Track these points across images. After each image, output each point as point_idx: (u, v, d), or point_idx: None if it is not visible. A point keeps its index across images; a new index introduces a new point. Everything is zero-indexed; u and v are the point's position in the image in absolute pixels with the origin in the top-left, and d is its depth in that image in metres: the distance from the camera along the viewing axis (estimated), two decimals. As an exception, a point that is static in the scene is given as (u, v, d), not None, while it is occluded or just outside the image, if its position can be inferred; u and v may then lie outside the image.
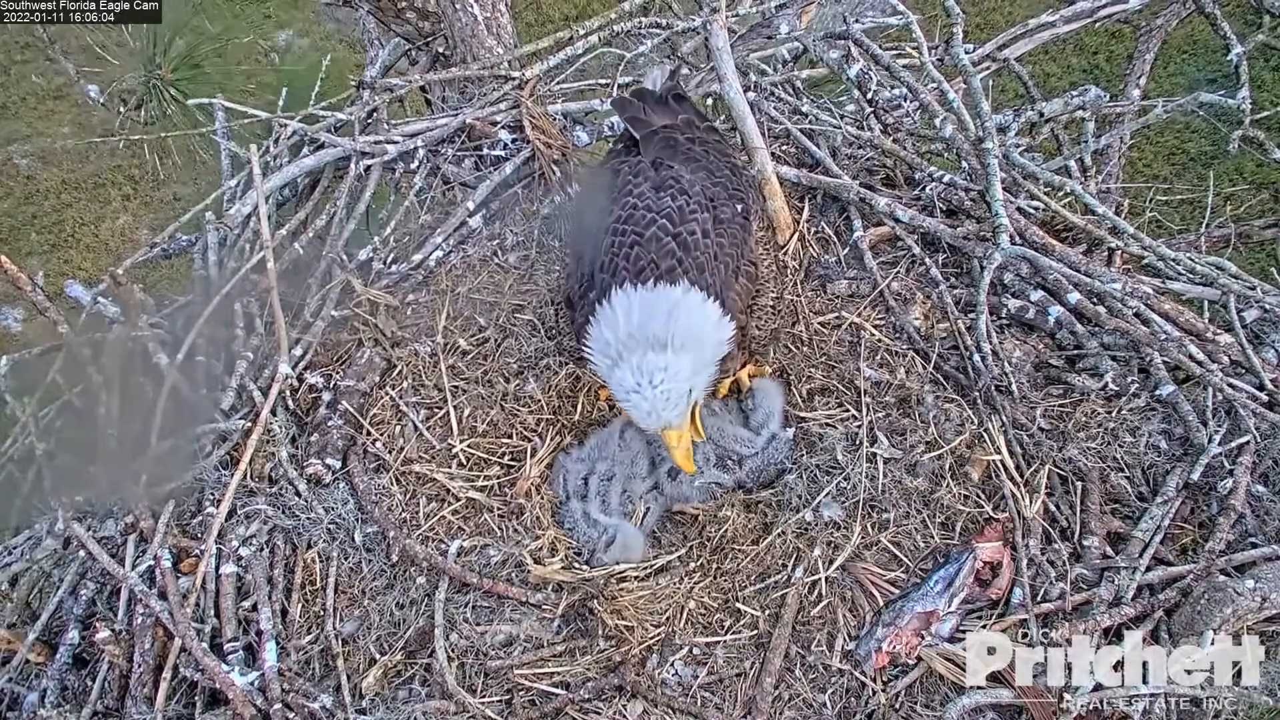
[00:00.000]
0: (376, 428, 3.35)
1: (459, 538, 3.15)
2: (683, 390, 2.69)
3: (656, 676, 2.86)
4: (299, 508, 3.14)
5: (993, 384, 3.13)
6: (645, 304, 2.71)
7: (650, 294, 2.73)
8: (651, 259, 2.78)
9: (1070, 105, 3.86)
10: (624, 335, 2.68)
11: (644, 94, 3.38)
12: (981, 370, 3.16)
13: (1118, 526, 2.98)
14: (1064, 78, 7.99)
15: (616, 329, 2.70)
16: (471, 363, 3.50)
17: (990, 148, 3.44)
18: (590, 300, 2.81)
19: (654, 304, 2.71)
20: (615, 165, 3.11)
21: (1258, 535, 2.90)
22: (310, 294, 3.57)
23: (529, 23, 8.24)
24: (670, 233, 2.82)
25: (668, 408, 2.68)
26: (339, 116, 4.03)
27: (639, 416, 2.73)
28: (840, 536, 2.99)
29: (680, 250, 2.81)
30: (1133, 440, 3.10)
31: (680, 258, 2.79)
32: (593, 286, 2.85)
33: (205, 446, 3.24)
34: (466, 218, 3.73)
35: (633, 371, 2.65)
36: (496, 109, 3.94)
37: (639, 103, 3.28)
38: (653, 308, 2.70)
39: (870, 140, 3.80)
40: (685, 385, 2.70)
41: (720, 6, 3.73)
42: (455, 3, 4.26)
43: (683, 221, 2.85)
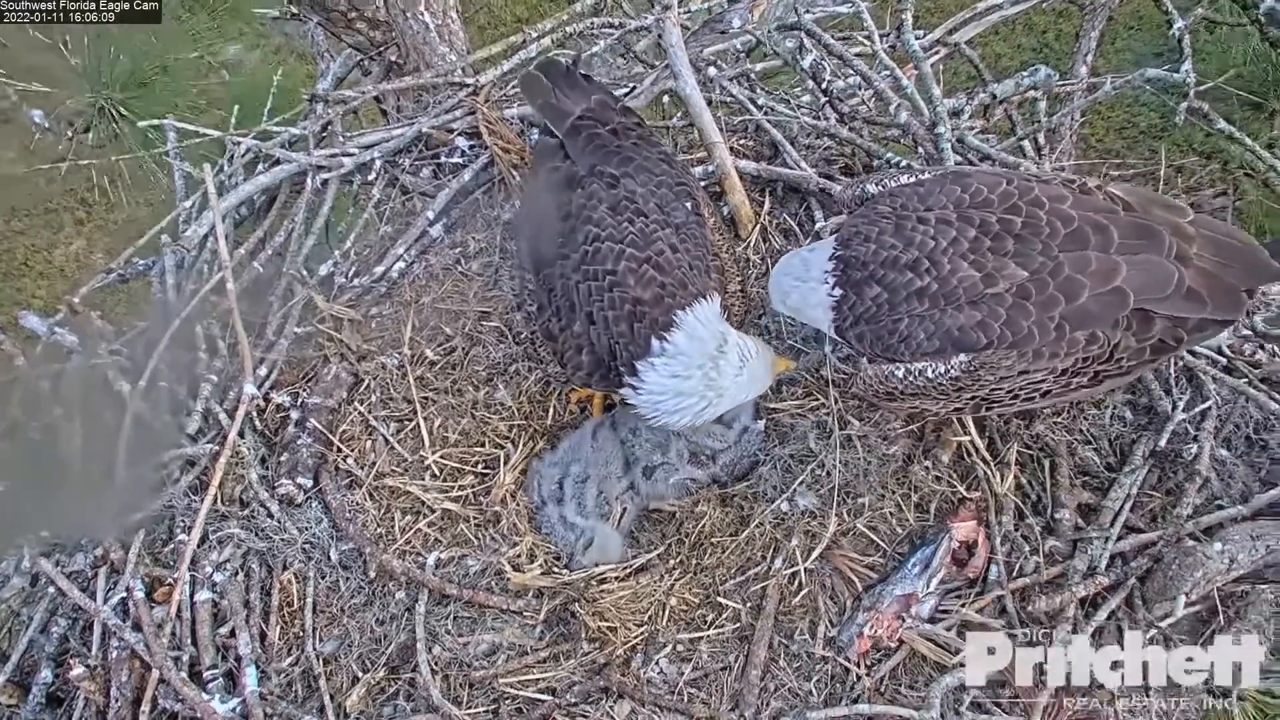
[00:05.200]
0: (347, 444, 3.32)
1: (436, 549, 3.13)
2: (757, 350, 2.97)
3: (642, 676, 2.86)
4: (272, 529, 3.11)
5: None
6: (673, 354, 2.84)
7: (670, 346, 2.83)
8: (635, 298, 2.83)
9: (1021, 86, 3.90)
10: (679, 382, 2.85)
11: (550, 68, 3.36)
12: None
13: (1088, 498, 3.04)
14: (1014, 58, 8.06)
15: (668, 385, 2.86)
16: (440, 373, 3.48)
17: (944, 132, 3.48)
18: (602, 359, 2.90)
19: (682, 346, 2.84)
20: (556, 179, 3.09)
21: (1223, 498, 2.97)
22: (272, 312, 3.52)
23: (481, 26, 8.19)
24: (640, 260, 2.87)
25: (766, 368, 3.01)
26: (293, 131, 3.98)
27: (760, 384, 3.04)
28: (817, 525, 3.01)
29: (658, 273, 2.87)
30: (1098, 413, 3.15)
31: (663, 283, 2.87)
32: (572, 321, 2.90)
33: (173, 473, 3.19)
34: (427, 227, 3.71)
35: (723, 382, 2.86)
36: (452, 116, 3.91)
37: (547, 82, 3.27)
38: (682, 348, 2.84)
39: (827, 130, 3.82)
40: (752, 348, 2.95)
41: (672, 4, 3.73)
42: (406, 11, 4.21)
43: (649, 244, 2.91)
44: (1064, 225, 2.50)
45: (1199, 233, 2.53)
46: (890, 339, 2.63)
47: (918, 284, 2.57)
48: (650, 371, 2.84)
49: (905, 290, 2.59)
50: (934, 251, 2.57)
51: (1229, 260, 2.51)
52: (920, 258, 2.58)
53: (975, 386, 2.56)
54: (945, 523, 2.96)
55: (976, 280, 2.51)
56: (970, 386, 2.56)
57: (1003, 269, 2.50)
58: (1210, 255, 2.50)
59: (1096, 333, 2.46)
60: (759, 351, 2.98)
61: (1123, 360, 2.50)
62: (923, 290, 2.57)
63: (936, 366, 2.57)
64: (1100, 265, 2.45)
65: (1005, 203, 2.58)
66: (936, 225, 2.60)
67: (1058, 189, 2.59)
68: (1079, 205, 2.54)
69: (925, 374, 2.59)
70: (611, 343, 2.85)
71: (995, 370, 2.51)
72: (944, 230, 2.59)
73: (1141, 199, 2.62)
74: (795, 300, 2.91)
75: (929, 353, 2.58)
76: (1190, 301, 2.45)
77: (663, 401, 2.88)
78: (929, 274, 2.56)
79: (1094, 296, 2.45)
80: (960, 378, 2.55)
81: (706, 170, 3.61)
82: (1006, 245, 2.52)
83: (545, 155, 3.19)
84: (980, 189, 2.64)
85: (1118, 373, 2.56)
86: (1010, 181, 2.65)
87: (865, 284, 2.67)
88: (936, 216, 2.62)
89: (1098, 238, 2.48)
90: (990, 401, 2.62)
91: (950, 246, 2.56)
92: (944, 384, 2.57)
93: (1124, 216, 2.53)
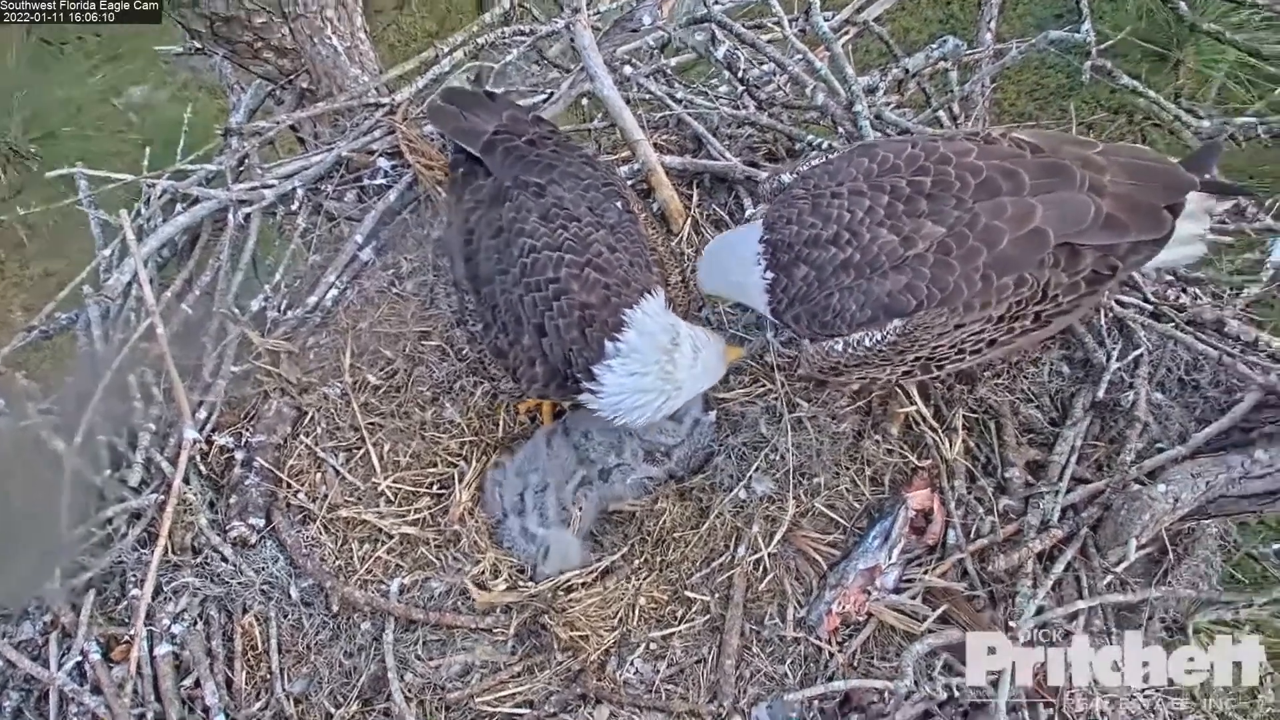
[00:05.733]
0: (296, 479, 3.27)
1: (398, 576, 3.10)
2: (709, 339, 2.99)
3: (618, 678, 2.86)
4: (228, 573, 3.05)
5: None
6: (628, 353, 2.83)
7: (623, 346, 2.82)
8: (583, 302, 2.83)
9: (931, 58, 3.96)
10: (638, 380, 2.84)
11: (454, 95, 3.35)
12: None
13: (1035, 455, 3.10)
14: (923, 31, 8.20)
15: (626, 384, 2.84)
16: (384, 397, 3.44)
17: (861, 110, 3.53)
18: (556, 369, 2.88)
19: (635, 344, 2.83)
20: (481, 197, 3.07)
21: (1163, 441, 3.05)
22: (206, 353, 3.45)
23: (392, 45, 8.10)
24: (580, 264, 2.87)
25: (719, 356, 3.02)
26: (209, 168, 3.90)
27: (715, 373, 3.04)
28: (776, 509, 3.03)
29: (601, 275, 2.87)
30: (1036, 370, 3.22)
31: (607, 284, 2.87)
32: (520, 335, 2.88)
33: (119, 527, 3.12)
34: (357, 251, 3.66)
35: (679, 374, 2.86)
36: (371, 138, 3.87)
37: (454, 107, 3.26)
38: (636, 346, 2.83)
39: (747, 118, 3.85)
40: (704, 337, 2.96)
41: (581, 6, 3.73)
42: (313, 36, 4.15)
43: (586, 248, 2.90)
44: (973, 177, 2.54)
45: (1110, 160, 2.57)
46: (825, 315, 2.67)
47: (841, 257, 2.61)
48: (608, 374, 2.84)
49: (831, 265, 2.63)
50: (852, 223, 2.61)
51: (1144, 181, 2.55)
52: (839, 231, 2.62)
53: (916, 348, 2.60)
54: (900, 493, 3.01)
55: (896, 244, 2.55)
56: (911, 348, 2.60)
57: (920, 229, 2.53)
58: (1125, 180, 2.54)
59: (1024, 275, 2.49)
60: (710, 340, 3.01)
61: (1059, 297, 2.54)
62: (847, 262, 2.60)
63: (873, 334, 2.61)
64: (1016, 209, 2.49)
65: (912, 165, 2.62)
66: (850, 198, 2.64)
67: (962, 144, 2.64)
68: (985, 155, 2.58)
69: (864, 344, 2.62)
70: (565, 351, 2.84)
71: (930, 329, 2.55)
72: (858, 201, 2.62)
73: (1048, 140, 2.67)
74: (735, 290, 2.94)
75: (864, 322, 2.61)
76: (1112, 229, 2.50)
77: (623, 401, 2.88)
78: (850, 245, 2.60)
79: (1014, 241, 2.48)
80: (898, 342, 2.59)
81: (632, 169, 3.61)
82: (920, 206, 2.55)
83: (466, 175, 3.15)
84: (887, 157, 2.68)
85: (1060, 310, 2.60)
86: (915, 145, 2.69)
87: (793, 265, 2.70)
88: (849, 189, 2.66)
89: (1009, 183, 2.52)
90: (937, 360, 2.65)
91: (866, 216, 2.60)
92: (884, 350, 2.61)
93: (1032, 158, 2.57)
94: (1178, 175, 2.58)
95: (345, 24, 4.11)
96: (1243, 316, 3.29)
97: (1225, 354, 3.10)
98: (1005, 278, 2.49)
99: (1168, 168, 2.62)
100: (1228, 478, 2.77)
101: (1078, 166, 2.53)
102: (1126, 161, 2.59)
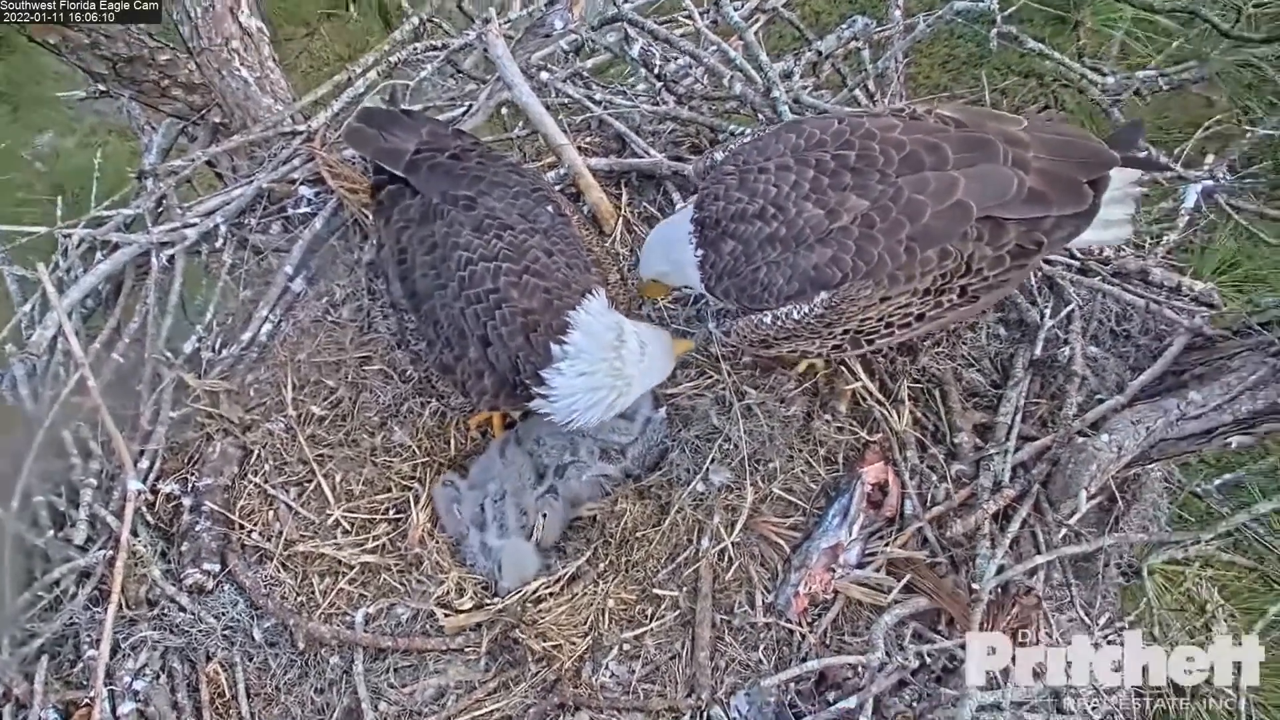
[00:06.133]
0: (249, 519, 3.21)
1: (363, 605, 3.06)
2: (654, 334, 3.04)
3: (594, 683, 2.86)
4: (187, 622, 2.99)
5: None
6: (575, 354, 2.83)
7: (570, 347, 2.82)
8: (525, 309, 2.82)
9: (843, 38, 4.01)
10: (588, 379, 2.85)
11: (370, 116, 3.31)
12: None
13: (981, 418, 3.16)
14: (832, 12, 8.30)
15: (577, 384, 2.84)
16: (331, 427, 3.39)
17: (779, 95, 3.57)
18: (505, 378, 2.87)
19: (581, 344, 2.84)
20: (410, 216, 3.02)
21: (1102, 392, 3.13)
22: (143, 401, 3.37)
23: (304, 71, 7.97)
24: (518, 271, 2.86)
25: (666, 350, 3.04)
26: (127, 212, 3.81)
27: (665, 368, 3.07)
28: (735, 498, 3.05)
29: (540, 280, 2.87)
30: (974, 335, 3.28)
31: (547, 288, 2.86)
32: (466, 348, 2.86)
33: (67, 588, 3.04)
34: (287, 283, 3.60)
35: (628, 369, 2.88)
36: (291, 166, 3.81)
37: (372, 129, 3.21)
38: (583, 346, 2.83)
39: (668, 114, 3.87)
40: (648, 333, 3.00)
41: (491, 16, 3.72)
42: (221, 69, 4.08)
43: (523, 255, 2.89)
44: (897, 151, 2.58)
45: (1033, 136, 2.62)
46: (753, 289, 2.69)
47: (767, 231, 2.64)
48: (557, 377, 2.83)
49: (757, 239, 2.66)
50: (778, 197, 2.63)
51: (1066, 156, 2.60)
52: (765, 205, 2.65)
53: (843, 320, 2.63)
54: (854, 469, 3.04)
55: (821, 217, 2.58)
56: (838, 321, 2.63)
57: (844, 202, 2.57)
58: (1047, 155, 2.59)
59: (947, 248, 2.53)
60: (656, 335, 3.02)
61: (984, 270, 2.59)
62: (773, 236, 2.63)
63: (801, 307, 2.63)
64: (938, 183, 2.53)
65: (838, 140, 2.65)
66: (776, 172, 2.67)
67: (887, 119, 2.68)
68: (909, 130, 2.62)
69: (792, 316, 2.65)
70: (512, 359, 2.83)
71: (856, 301, 2.58)
72: (784, 176, 2.65)
73: (972, 115, 2.72)
74: (673, 269, 2.97)
75: (791, 295, 2.64)
76: (1035, 203, 2.54)
77: (576, 401, 2.88)
78: (776, 219, 2.63)
79: (937, 214, 2.52)
80: (825, 314, 2.61)
81: (559, 174, 3.61)
82: (845, 179, 2.59)
83: (392, 196, 3.11)
84: (813, 132, 2.71)
85: (986, 285, 2.65)
86: (841, 120, 2.72)
87: (721, 240, 2.73)
88: (775, 164, 2.68)
89: (932, 157, 2.56)
90: (866, 334, 2.69)
91: (792, 190, 2.63)
92: (812, 323, 2.64)
93: (955, 133, 2.62)
94: (1100, 151, 2.63)
95: (253, 54, 4.04)
96: (1164, 264, 3.40)
97: (1151, 301, 3.20)
98: (929, 250, 2.53)
99: (1090, 143, 2.68)
100: (1166, 421, 2.85)
101: (1001, 141, 2.58)
102: (1049, 137, 2.64)
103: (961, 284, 2.60)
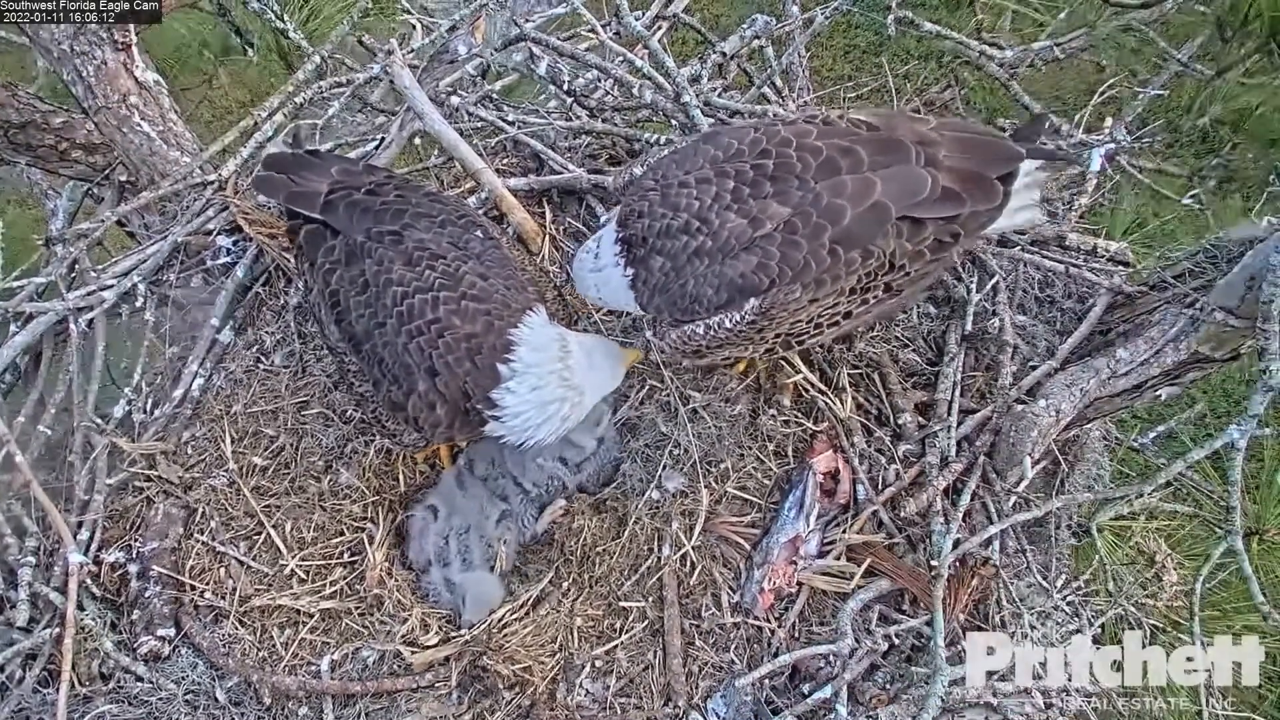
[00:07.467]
0: (199, 579, 3.13)
1: (327, 653, 3.01)
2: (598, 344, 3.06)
3: (570, 703, 2.85)
4: (145, 692, 2.92)
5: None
6: (523, 371, 2.82)
7: (517, 365, 2.82)
8: (468, 333, 2.80)
9: (745, 38, 4.07)
10: (540, 393, 2.84)
11: (276, 161, 3.24)
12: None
13: (921, 396, 3.22)
14: (732, 14, 8.41)
15: (529, 399, 2.84)
16: (275, 476, 3.32)
17: (690, 100, 3.60)
18: (457, 406, 2.85)
19: (529, 360, 2.83)
20: (335, 258, 2.96)
21: (1034, 359, 3.21)
22: (76, 471, 3.26)
23: (208, 121, 7.80)
24: (456, 298, 2.84)
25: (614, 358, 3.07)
26: (38, 281, 3.69)
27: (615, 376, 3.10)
28: (690, 502, 3.06)
29: (479, 304, 2.86)
30: (906, 316, 3.34)
31: (487, 310, 2.86)
32: (414, 383, 2.82)
33: (13, 672, 2.93)
34: (215, 335, 3.53)
35: (577, 379, 2.89)
36: (206, 218, 3.73)
37: (280, 175, 3.14)
38: (530, 362, 2.83)
39: (582, 128, 3.88)
40: (592, 343, 3.03)
41: (393, 47, 3.69)
42: (121, 126, 3.96)
43: (458, 282, 2.87)
44: (814, 157, 2.63)
45: (943, 135, 2.69)
46: (684, 302, 2.72)
47: (693, 244, 2.66)
48: (508, 396, 2.82)
49: (685, 254, 2.68)
50: (701, 210, 2.66)
51: (975, 154, 2.68)
52: (690, 219, 2.67)
53: (774, 325, 2.66)
54: (805, 461, 3.08)
55: (744, 227, 2.61)
56: (770, 325, 2.66)
57: (766, 210, 2.60)
58: (958, 154, 2.67)
59: (869, 248, 2.59)
60: (602, 344, 3.04)
61: (906, 266, 2.65)
62: (700, 249, 2.66)
63: (732, 315, 2.66)
64: (856, 186, 2.59)
65: (755, 150, 2.69)
66: (698, 185, 2.70)
67: (802, 126, 2.73)
68: (824, 136, 2.68)
69: (724, 325, 2.68)
70: (461, 385, 2.80)
71: (786, 305, 2.62)
72: (705, 188, 2.68)
73: (884, 118, 2.78)
74: (604, 292, 2.96)
75: (721, 305, 2.67)
76: (949, 201, 2.61)
77: (530, 417, 2.86)
78: (701, 232, 2.65)
79: (857, 216, 2.57)
80: (757, 320, 2.65)
81: (480, 198, 3.59)
82: (765, 188, 2.63)
83: (311, 238, 3.05)
84: (731, 143, 2.75)
85: (909, 279, 2.71)
86: (757, 129, 2.77)
87: (649, 257, 2.75)
88: (696, 177, 2.71)
89: (848, 161, 2.62)
90: (797, 335, 2.73)
91: (714, 202, 2.66)
92: (744, 330, 2.67)
93: (869, 136, 2.68)
94: (1007, 147, 2.72)
95: (153, 108, 3.94)
96: (1078, 228, 3.49)
97: (1071, 266, 3.29)
98: (852, 251, 2.58)
99: (997, 141, 2.77)
100: (1098, 381, 2.93)
101: (913, 143, 2.64)
102: (959, 136, 2.71)
103: (886, 280, 2.67)
